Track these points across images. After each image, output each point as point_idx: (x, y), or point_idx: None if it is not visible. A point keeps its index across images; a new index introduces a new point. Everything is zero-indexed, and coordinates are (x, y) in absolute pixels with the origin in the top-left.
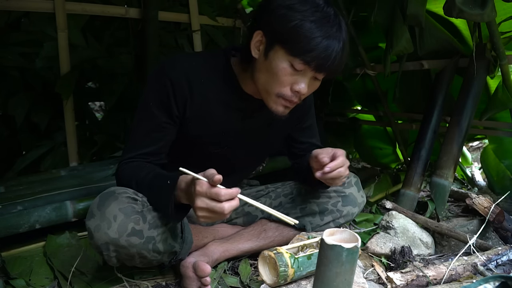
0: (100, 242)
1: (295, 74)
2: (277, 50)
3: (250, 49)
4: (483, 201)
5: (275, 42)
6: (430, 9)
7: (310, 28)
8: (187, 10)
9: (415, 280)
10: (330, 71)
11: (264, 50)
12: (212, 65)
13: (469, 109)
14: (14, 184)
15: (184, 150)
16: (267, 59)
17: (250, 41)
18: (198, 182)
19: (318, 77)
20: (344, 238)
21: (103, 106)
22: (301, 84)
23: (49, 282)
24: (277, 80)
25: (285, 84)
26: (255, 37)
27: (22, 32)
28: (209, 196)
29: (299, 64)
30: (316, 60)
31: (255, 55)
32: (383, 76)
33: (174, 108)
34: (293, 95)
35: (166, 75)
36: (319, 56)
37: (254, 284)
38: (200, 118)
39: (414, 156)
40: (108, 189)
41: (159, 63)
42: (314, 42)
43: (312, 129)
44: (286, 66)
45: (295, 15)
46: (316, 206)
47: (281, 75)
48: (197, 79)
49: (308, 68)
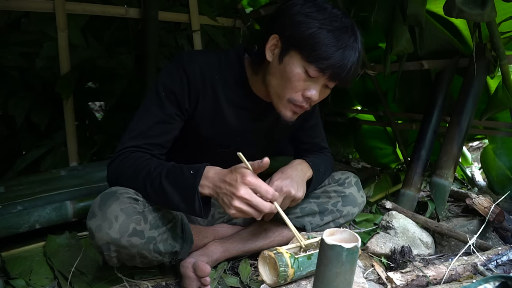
0: (101, 242)
1: (308, 81)
2: (292, 55)
3: (265, 52)
4: (483, 201)
5: (291, 47)
6: (430, 9)
7: (328, 37)
8: (187, 10)
9: (415, 280)
10: (343, 80)
11: (279, 54)
12: (226, 65)
13: (469, 109)
14: (14, 184)
15: (189, 149)
16: (282, 63)
17: (265, 44)
18: (246, 172)
19: (330, 85)
20: (344, 238)
21: (103, 106)
22: (312, 90)
23: (49, 282)
24: (289, 85)
25: (297, 90)
26: (270, 40)
27: (22, 32)
28: (258, 189)
29: (313, 71)
30: (332, 69)
31: (269, 58)
32: (383, 76)
33: (186, 101)
34: (304, 101)
35: (183, 67)
36: (334, 65)
37: (254, 284)
38: (209, 116)
39: (414, 156)
40: (109, 189)
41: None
42: (331, 50)
43: (315, 130)
44: (300, 72)
45: (314, 23)
46: (316, 206)
47: (294, 80)
48: (211, 76)
49: (322, 75)
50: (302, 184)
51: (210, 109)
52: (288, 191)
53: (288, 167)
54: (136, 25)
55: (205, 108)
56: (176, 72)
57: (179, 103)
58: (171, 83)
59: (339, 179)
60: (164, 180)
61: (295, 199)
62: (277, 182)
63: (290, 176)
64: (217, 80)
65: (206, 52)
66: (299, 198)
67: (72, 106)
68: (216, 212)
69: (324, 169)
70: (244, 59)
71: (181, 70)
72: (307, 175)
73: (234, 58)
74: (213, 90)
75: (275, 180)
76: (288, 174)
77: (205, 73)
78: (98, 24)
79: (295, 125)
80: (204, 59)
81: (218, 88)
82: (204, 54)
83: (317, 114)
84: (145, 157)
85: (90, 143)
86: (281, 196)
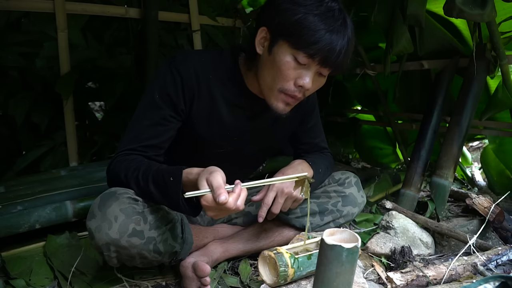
0: (101, 243)
1: (299, 68)
2: (281, 45)
3: (255, 46)
4: (483, 201)
5: (279, 36)
6: (430, 9)
7: (314, 21)
8: (187, 10)
9: (415, 280)
10: (335, 66)
11: (268, 46)
12: (220, 64)
13: (469, 109)
14: (14, 184)
15: (186, 149)
16: (271, 54)
17: (255, 38)
18: (203, 198)
19: (323, 72)
20: (344, 238)
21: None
22: (305, 78)
23: (49, 282)
24: (280, 74)
25: (289, 79)
26: (259, 33)
27: (22, 32)
28: (218, 209)
29: (303, 58)
30: (320, 53)
31: (259, 51)
32: (383, 76)
33: (181, 102)
34: (297, 89)
35: (176, 68)
36: (323, 49)
37: (254, 284)
38: (206, 116)
39: (414, 156)
40: (109, 189)
41: (169, 55)
42: (318, 34)
43: (315, 130)
44: (290, 60)
45: (299, 9)
46: (316, 206)
47: (284, 69)
48: (206, 76)
49: (312, 62)
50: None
51: (206, 109)
52: (290, 192)
53: (288, 168)
54: (136, 25)
55: (200, 108)
56: (170, 73)
57: (174, 104)
58: (165, 84)
59: (339, 179)
60: (151, 186)
61: (297, 200)
62: (278, 184)
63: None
64: (212, 79)
65: (200, 52)
66: (300, 199)
67: (72, 106)
68: None
69: (324, 169)
70: (238, 57)
71: (174, 71)
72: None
73: (228, 57)
74: (208, 90)
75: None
76: (288, 175)
77: (199, 73)
78: (98, 24)
79: (295, 125)
80: (197, 59)
81: (213, 88)
82: (198, 54)
83: (317, 114)
84: (137, 159)
85: (90, 143)
86: (282, 197)
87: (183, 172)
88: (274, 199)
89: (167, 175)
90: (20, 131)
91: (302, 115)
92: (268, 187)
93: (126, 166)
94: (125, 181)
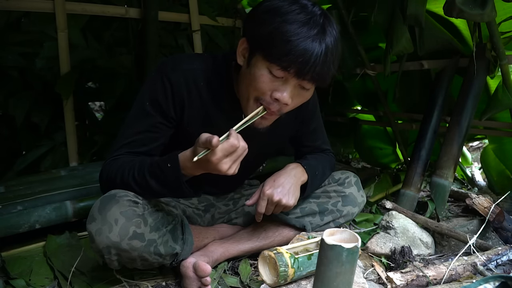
0: (101, 246)
1: (275, 81)
2: (257, 57)
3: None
4: (483, 201)
5: (255, 48)
6: (430, 9)
7: (288, 31)
8: (187, 10)
9: (415, 280)
10: (313, 77)
11: (247, 58)
12: (212, 69)
13: (469, 109)
14: (14, 184)
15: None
16: (249, 66)
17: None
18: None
19: (305, 85)
20: (344, 238)
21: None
22: (282, 92)
23: (49, 282)
24: (255, 87)
25: (264, 91)
26: (240, 44)
27: (22, 32)
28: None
29: (277, 71)
30: (294, 65)
31: (240, 62)
32: (383, 76)
33: (171, 109)
34: (272, 102)
35: (166, 75)
36: (295, 60)
37: (254, 284)
38: (199, 123)
39: (414, 156)
40: (109, 192)
41: (160, 60)
42: (290, 45)
43: (317, 133)
44: (264, 73)
45: (275, 19)
46: (316, 206)
47: (259, 81)
48: (196, 82)
49: (288, 74)
50: (294, 191)
51: (199, 116)
52: (279, 200)
53: (281, 174)
54: (136, 25)
55: (193, 116)
56: (160, 81)
57: (164, 112)
58: (155, 92)
59: (339, 179)
60: (149, 179)
61: (286, 207)
62: (268, 191)
63: (282, 184)
64: (203, 86)
65: (192, 58)
66: (290, 206)
67: (72, 106)
68: (216, 212)
69: (322, 171)
70: (232, 64)
71: (165, 78)
72: (301, 180)
73: (221, 63)
74: (199, 97)
75: (266, 189)
76: (279, 182)
77: (189, 81)
78: (98, 24)
79: (295, 128)
80: (188, 67)
81: (205, 95)
82: (189, 61)
83: (318, 116)
84: (127, 160)
85: (90, 143)
86: (272, 205)
87: (178, 156)
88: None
89: (163, 163)
90: (20, 131)
91: (302, 118)
92: (259, 194)
93: (119, 170)
94: (121, 184)
